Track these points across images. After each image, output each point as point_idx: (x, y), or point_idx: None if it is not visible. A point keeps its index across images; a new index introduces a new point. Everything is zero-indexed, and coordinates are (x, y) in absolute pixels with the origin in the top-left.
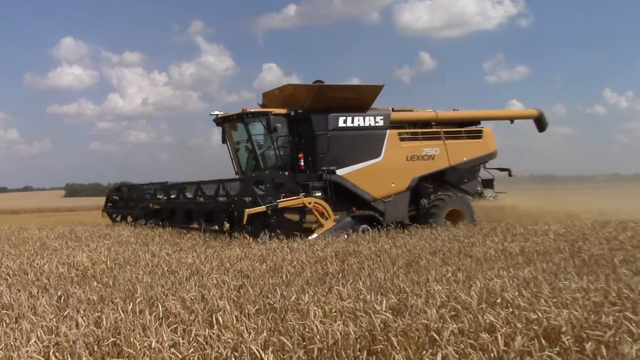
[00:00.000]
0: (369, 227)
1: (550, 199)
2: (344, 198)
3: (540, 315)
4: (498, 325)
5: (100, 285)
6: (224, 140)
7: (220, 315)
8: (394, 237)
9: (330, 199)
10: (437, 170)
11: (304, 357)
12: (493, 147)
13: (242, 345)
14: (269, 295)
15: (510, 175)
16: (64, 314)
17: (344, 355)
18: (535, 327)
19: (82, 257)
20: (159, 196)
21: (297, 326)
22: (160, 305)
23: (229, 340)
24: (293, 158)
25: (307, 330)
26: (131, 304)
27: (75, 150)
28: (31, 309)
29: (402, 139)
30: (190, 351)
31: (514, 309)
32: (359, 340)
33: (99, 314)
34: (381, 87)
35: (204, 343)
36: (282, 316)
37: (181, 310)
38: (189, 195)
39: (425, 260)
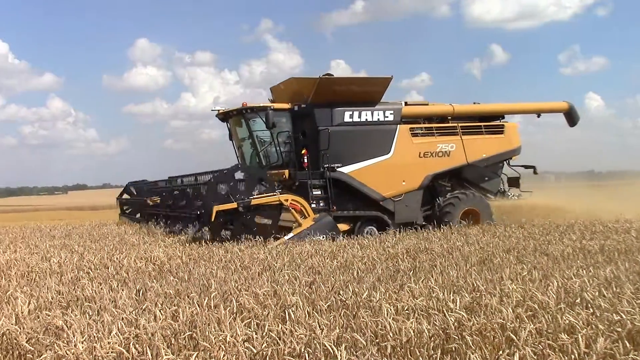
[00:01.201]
0: (374, 229)
1: (580, 196)
2: (352, 197)
3: (623, 316)
4: (578, 327)
5: (176, 280)
6: (230, 137)
7: (292, 311)
8: (466, 234)
9: (330, 197)
10: (454, 167)
11: (377, 355)
12: (516, 143)
13: (315, 342)
14: (341, 292)
15: (535, 173)
16: (143, 307)
17: (418, 354)
18: (619, 329)
19: (159, 252)
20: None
21: (370, 323)
22: (234, 300)
23: (302, 336)
24: (297, 155)
25: (379, 327)
26: (206, 298)
27: (150, 149)
28: (112, 301)
29: (414, 135)
30: (263, 346)
31: (595, 309)
32: (432, 338)
33: (176, 307)
34: (389, 79)
35: (277, 338)
36: (354, 313)
37: (254, 305)
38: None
39: (499, 258)
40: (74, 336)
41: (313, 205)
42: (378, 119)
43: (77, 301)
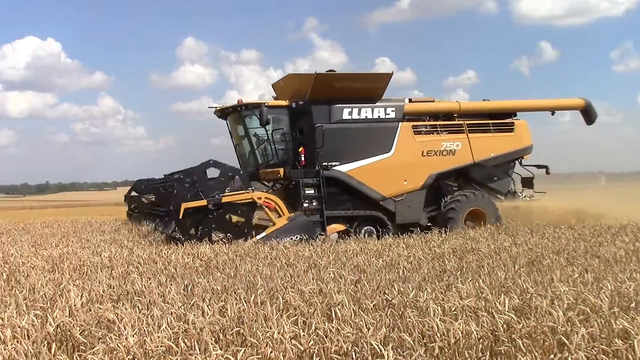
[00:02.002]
0: (373, 229)
1: (593, 198)
2: (350, 197)
3: None
4: (633, 332)
5: (223, 276)
6: (231, 135)
7: (338, 309)
8: (513, 234)
9: (322, 196)
10: (459, 166)
11: (424, 355)
12: (527, 141)
13: (362, 340)
14: (386, 291)
15: (548, 173)
16: (191, 303)
17: (466, 355)
18: None
19: (205, 248)
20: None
21: (417, 323)
22: (280, 297)
23: (349, 334)
24: (295, 153)
25: (426, 327)
26: (253, 295)
27: (197, 146)
28: (161, 296)
29: (417, 133)
30: (310, 344)
31: None
32: (481, 340)
33: (223, 303)
34: (390, 75)
35: (324, 336)
36: (400, 312)
37: (300, 302)
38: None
39: (549, 260)
40: (125, 329)
41: (306, 205)
42: (379, 116)
43: (127, 295)
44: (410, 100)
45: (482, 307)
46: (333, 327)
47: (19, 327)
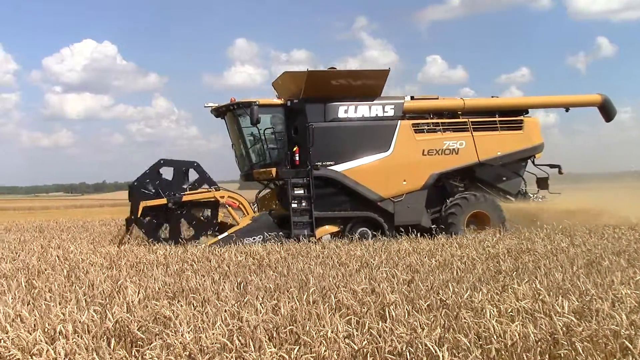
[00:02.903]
0: (368, 230)
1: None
2: (346, 197)
3: None
4: None
5: (276, 274)
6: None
7: (392, 309)
8: (571, 235)
9: (311, 197)
10: (463, 166)
11: (480, 357)
12: (537, 139)
13: (417, 341)
14: (440, 291)
15: (560, 172)
16: (244, 300)
17: (524, 358)
18: None
19: (258, 246)
20: None
21: (472, 324)
22: (332, 296)
23: (403, 334)
24: (290, 153)
25: (482, 329)
26: (305, 293)
27: None
28: (215, 293)
29: (417, 131)
30: (364, 343)
31: None
32: (539, 343)
33: (276, 301)
34: (386, 72)
35: (378, 336)
36: (455, 313)
37: (353, 302)
38: None
39: (608, 261)
40: (180, 326)
41: (294, 205)
42: (377, 114)
43: (182, 292)
44: (412, 98)
45: (539, 309)
46: (387, 327)
47: (79, 322)
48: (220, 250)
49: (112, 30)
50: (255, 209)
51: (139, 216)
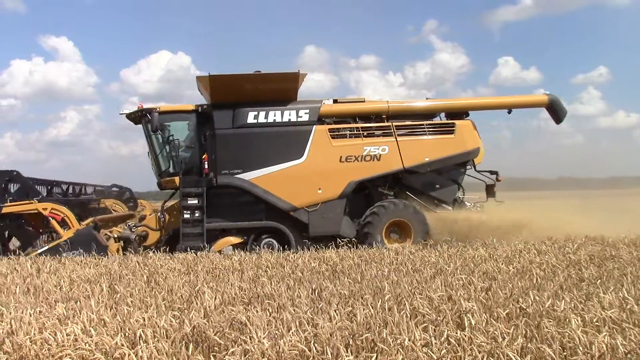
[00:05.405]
0: (274, 242)
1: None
2: (254, 207)
3: None
4: None
5: (350, 281)
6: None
7: (469, 317)
8: None
9: (203, 207)
10: (386, 173)
11: None
12: (471, 144)
13: (497, 351)
14: (520, 299)
15: (497, 180)
16: (319, 307)
17: None
18: None
19: (331, 252)
20: None
21: (556, 334)
22: (407, 304)
23: (483, 344)
24: (200, 161)
25: (567, 339)
26: (380, 300)
27: None
28: (289, 300)
29: (334, 137)
30: (442, 352)
31: None
32: (628, 355)
33: (351, 308)
34: (297, 74)
35: (457, 345)
36: (536, 322)
37: (428, 309)
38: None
39: None
40: (256, 332)
41: (187, 216)
42: (289, 119)
43: (257, 298)
44: (335, 101)
45: (627, 319)
46: (465, 336)
47: (158, 327)
48: (294, 256)
49: (186, 41)
50: (162, 219)
51: None
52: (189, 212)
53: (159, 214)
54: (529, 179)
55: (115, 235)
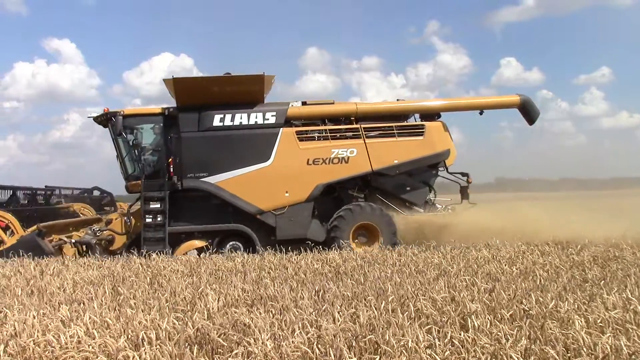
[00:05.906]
0: (239, 245)
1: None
2: (219, 210)
3: None
4: None
5: (352, 282)
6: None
7: (473, 319)
8: None
9: (166, 211)
10: (354, 175)
11: None
12: (441, 146)
13: (501, 352)
14: (523, 301)
15: (468, 182)
16: (322, 309)
17: None
18: None
19: (334, 254)
20: None
21: (559, 335)
22: (411, 305)
23: (487, 345)
24: (167, 164)
25: (571, 340)
26: (383, 302)
27: None
28: (293, 301)
29: (301, 139)
30: (446, 354)
31: None
32: (633, 356)
33: (354, 310)
34: (262, 77)
35: (460, 346)
36: (540, 324)
37: (432, 311)
38: None
39: None
40: (260, 334)
41: (149, 220)
42: (256, 121)
43: (260, 300)
44: (304, 104)
45: (631, 319)
46: (469, 337)
47: (162, 329)
48: (297, 257)
49: (188, 43)
50: (128, 223)
51: None
52: (151, 216)
53: (125, 218)
54: (531, 179)
55: (73, 241)
